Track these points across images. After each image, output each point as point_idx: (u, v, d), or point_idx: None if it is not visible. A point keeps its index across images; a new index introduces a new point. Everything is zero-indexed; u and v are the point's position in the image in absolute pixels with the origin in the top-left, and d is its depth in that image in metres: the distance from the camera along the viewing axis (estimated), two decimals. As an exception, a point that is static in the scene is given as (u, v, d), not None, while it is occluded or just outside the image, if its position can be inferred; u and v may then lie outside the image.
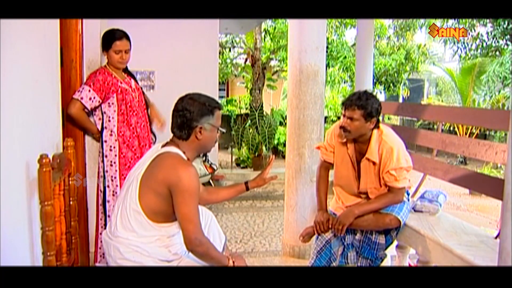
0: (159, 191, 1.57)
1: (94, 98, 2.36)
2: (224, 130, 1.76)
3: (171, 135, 1.72)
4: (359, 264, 2.25)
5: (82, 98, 2.34)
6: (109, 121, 2.43)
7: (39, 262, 1.60)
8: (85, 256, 2.54)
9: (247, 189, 2.04)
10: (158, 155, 1.63)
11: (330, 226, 2.20)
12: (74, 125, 2.45)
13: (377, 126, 2.11)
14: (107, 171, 2.44)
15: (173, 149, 1.64)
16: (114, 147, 2.43)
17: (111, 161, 2.44)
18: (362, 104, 2.04)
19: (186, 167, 1.57)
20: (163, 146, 1.69)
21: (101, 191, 2.49)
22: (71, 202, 1.94)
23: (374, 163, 2.10)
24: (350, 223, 2.11)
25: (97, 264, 2.50)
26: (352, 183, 2.21)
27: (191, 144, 1.67)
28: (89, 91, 2.35)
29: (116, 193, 2.43)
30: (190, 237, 1.56)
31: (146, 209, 1.59)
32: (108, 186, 2.45)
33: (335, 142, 2.26)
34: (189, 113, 1.62)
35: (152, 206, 1.59)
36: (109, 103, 2.43)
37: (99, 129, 2.45)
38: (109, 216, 2.44)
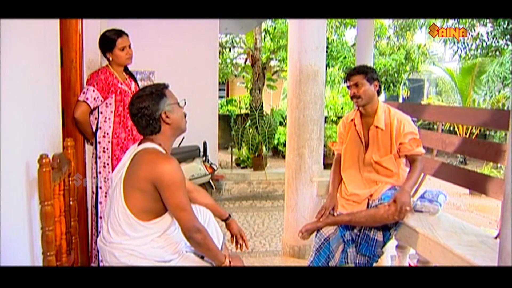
0: (144, 189, 1.57)
1: (97, 97, 2.37)
2: (184, 100, 1.73)
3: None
4: (356, 261, 2.26)
5: (87, 99, 2.34)
6: (105, 121, 2.43)
7: (39, 262, 1.60)
8: (85, 256, 2.54)
9: (225, 219, 2.02)
10: (136, 154, 1.63)
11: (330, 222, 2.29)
12: (78, 127, 2.44)
13: (379, 91, 2.29)
14: (100, 172, 2.44)
15: (149, 144, 1.64)
16: (107, 149, 2.43)
17: (104, 163, 2.44)
18: (361, 70, 2.29)
19: (166, 160, 1.57)
20: (139, 144, 1.69)
21: (93, 192, 2.49)
22: (71, 202, 1.94)
23: (382, 130, 2.24)
24: (409, 199, 2.11)
25: (92, 265, 2.51)
26: (360, 157, 2.33)
27: (165, 133, 1.67)
28: (93, 91, 2.35)
29: (108, 194, 2.43)
30: (187, 225, 1.57)
31: (134, 209, 1.58)
32: (100, 187, 2.45)
33: (344, 127, 2.43)
34: (146, 109, 1.62)
35: (139, 205, 1.59)
36: (106, 104, 2.42)
37: (94, 129, 2.45)
38: (100, 217, 2.44)
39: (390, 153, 2.24)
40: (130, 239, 1.60)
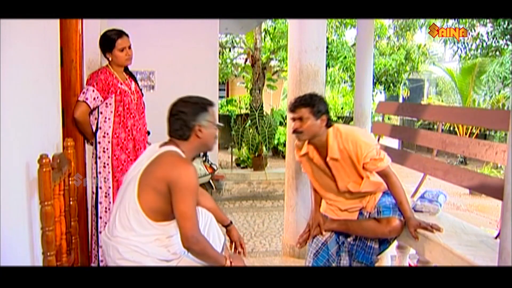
0: (158, 189, 1.58)
1: (97, 97, 2.37)
2: (221, 125, 1.79)
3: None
4: None
5: (87, 99, 2.34)
6: (105, 121, 2.43)
7: (39, 262, 1.60)
8: (85, 256, 2.54)
9: (226, 226, 2.04)
10: (158, 155, 1.64)
11: (324, 229, 2.27)
12: (77, 127, 2.44)
13: (329, 124, 2.09)
14: (100, 172, 2.44)
15: (172, 148, 1.66)
16: (107, 149, 2.43)
17: (104, 163, 2.44)
18: (307, 102, 2.06)
19: (186, 165, 1.59)
20: (161, 146, 1.70)
21: (93, 192, 2.49)
22: (71, 202, 1.94)
23: (337, 160, 2.09)
24: (416, 221, 2.05)
25: (92, 265, 2.51)
26: (333, 188, 2.22)
27: (192, 144, 1.69)
28: (93, 91, 2.35)
29: (108, 194, 2.44)
30: (187, 234, 1.57)
31: (145, 207, 1.59)
32: (100, 188, 2.45)
33: (299, 157, 2.30)
34: (185, 114, 1.65)
35: (151, 204, 1.60)
36: (106, 104, 2.42)
37: (94, 129, 2.45)
38: (100, 217, 2.44)
39: (362, 178, 2.12)
40: (136, 235, 1.61)
